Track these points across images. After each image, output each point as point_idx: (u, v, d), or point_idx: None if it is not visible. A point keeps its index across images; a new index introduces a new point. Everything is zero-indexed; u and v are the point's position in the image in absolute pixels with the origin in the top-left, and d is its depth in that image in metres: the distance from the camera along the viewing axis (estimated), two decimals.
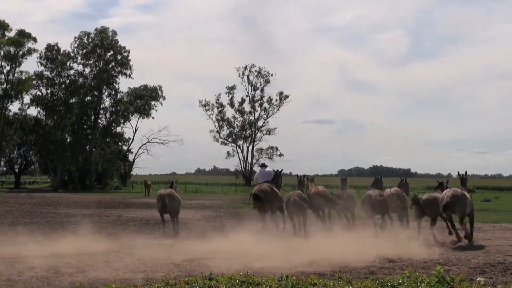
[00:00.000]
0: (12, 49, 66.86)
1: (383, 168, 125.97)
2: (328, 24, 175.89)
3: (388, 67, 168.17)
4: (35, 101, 70.60)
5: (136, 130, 76.31)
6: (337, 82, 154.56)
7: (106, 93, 73.22)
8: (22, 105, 71.19)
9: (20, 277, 9.79)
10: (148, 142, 76.61)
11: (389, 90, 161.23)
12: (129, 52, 72.37)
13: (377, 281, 8.39)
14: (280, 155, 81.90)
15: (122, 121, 75.19)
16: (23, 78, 68.97)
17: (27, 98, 70.78)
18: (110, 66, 71.61)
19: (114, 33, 72.01)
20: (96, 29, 71.44)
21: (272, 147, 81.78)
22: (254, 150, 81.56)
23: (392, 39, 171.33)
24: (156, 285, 7.75)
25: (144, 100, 74.22)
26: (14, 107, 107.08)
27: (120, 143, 76.50)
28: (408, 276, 8.55)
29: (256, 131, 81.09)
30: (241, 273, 8.53)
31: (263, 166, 21.31)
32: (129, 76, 72.82)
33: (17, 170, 75.06)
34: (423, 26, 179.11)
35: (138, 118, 75.42)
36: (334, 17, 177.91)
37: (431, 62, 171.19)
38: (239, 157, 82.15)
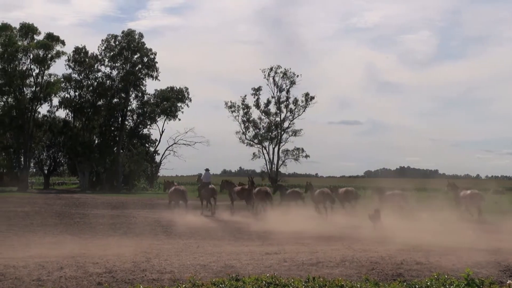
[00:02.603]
0: (41, 52, 67.74)
1: (410, 169, 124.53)
2: (354, 25, 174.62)
3: (416, 68, 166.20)
4: (64, 103, 71.46)
5: (162, 131, 76.80)
6: (364, 83, 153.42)
7: (133, 95, 73.82)
8: (51, 107, 72.16)
9: (49, 277, 9.88)
10: (175, 143, 77.01)
11: (416, 91, 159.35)
12: (155, 54, 72.91)
13: (404, 283, 8.30)
14: (306, 156, 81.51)
15: (148, 122, 75.74)
16: (52, 80, 69.84)
17: (55, 101, 71.73)
18: (137, 68, 72.15)
19: (141, 35, 72.61)
20: (123, 32, 72.09)
21: (298, 149, 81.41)
22: (280, 151, 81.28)
23: (420, 39, 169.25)
24: (183, 285, 7.76)
25: (171, 102, 74.63)
26: (43, 109, 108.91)
27: (147, 145, 77.00)
28: (436, 278, 8.43)
29: (282, 133, 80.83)
30: (267, 274, 8.51)
31: (207, 170, 31.80)
32: (156, 78, 73.34)
33: (46, 171, 75.95)
34: (450, 26, 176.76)
35: (165, 120, 75.91)
36: (360, 18, 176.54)
37: (459, 62, 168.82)
38: (265, 158, 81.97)
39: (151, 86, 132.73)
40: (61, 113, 73.93)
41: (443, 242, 16.23)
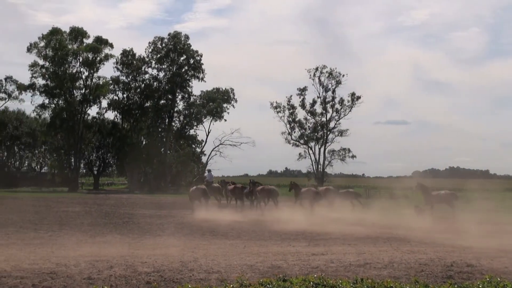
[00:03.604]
0: (90, 55, 69.16)
1: (460, 170, 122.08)
2: (401, 23, 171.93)
3: (465, 66, 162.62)
4: (112, 105, 72.76)
5: (209, 132, 77.38)
6: (411, 82, 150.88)
7: (180, 97, 74.62)
8: (100, 109, 73.60)
9: (99, 275, 10.06)
10: (221, 144, 77.47)
11: (466, 89, 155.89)
12: (201, 56, 73.55)
13: (455, 286, 8.12)
14: (353, 156, 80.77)
15: (195, 123, 76.43)
16: (101, 83, 71.26)
17: (104, 103, 73.16)
18: (183, 70, 72.91)
19: (187, 37, 73.37)
20: (169, 34, 72.99)
21: (344, 149, 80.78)
22: (326, 151, 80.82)
23: (469, 36, 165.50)
24: (231, 286, 7.78)
25: (216, 103, 75.11)
26: (92, 111, 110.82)
27: (193, 145, 77.70)
28: (488, 281, 8.21)
29: (328, 133, 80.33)
30: (315, 275, 8.46)
31: (209, 171, 39.46)
32: (202, 79, 74.00)
33: (95, 172, 77.48)
34: (501, 23, 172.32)
35: (211, 121, 76.47)
36: (407, 16, 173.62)
37: (510, 60, 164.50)
38: (311, 158, 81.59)
39: (197, 88, 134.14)
40: (110, 115, 75.42)
41: (495, 244, 15.86)
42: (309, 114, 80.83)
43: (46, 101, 70.07)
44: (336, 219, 25.42)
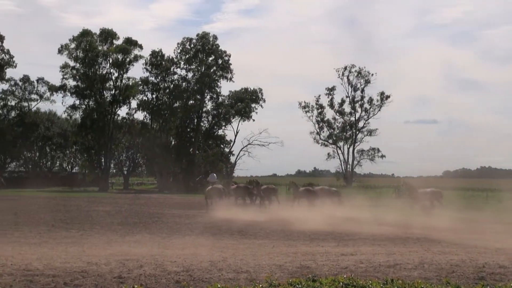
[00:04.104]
0: (120, 57, 69.85)
1: (491, 169, 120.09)
2: (432, 21, 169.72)
3: (497, 64, 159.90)
4: (142, 105, 73.35)
5: (237, 132, 77.49)
6: (442, 80, 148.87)
7: (208, 97, 74.90)
8: (129, 109, 74.28)
9: (129, 274, 10.14)
10: (249, 144, 77.53)
11: (498, 88, 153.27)
12: (230, 56, 73.69)
13: (487, 287, 8.00)
14: (382, 156, 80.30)
15: (223, 123, 76.62)
16: (130, 84, 71.93)
17: (134, 103, 73.80)
18: (212, 70, 73.17)
19: (215, 37, 73.60)
20: (197, 35, 73.33)
21: (373, 149, 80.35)
22: (355, 151, 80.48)
23: (501, 34, 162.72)
24: (260, 285, 7.78)
25: (245, 103, 75.20)
26: (122, 111, 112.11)
27: (222, 145, 77.91)
28: None
29: (357, 132, 79.95)
30: (344, 276, 8.41)
31: (212, 172, 43.35)
32: (230, 79, 74.18)
33: (125, 172, 78.21)
34: None
35: (239, 121, 76.58)
36: (438, 14, 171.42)
37: None
38: (339, 158, 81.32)
39: (225, 88, 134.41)
40: (139, 115, 76.12)
41: None
42: (337, 114, 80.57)
43: (77, 102, 71.07)
44: (352, 218, 25.43)
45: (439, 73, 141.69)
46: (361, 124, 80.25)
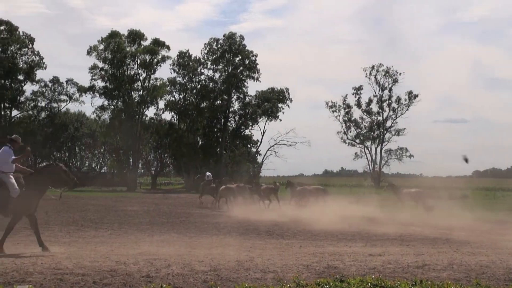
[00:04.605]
0: (147, 57, 70.38)
1: None
2: (460, 19, 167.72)
3: None
4: (169, 106, 73.82)
5: (264, 132, 77.50)
6: (471, 79, 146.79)
7: (235, 97, 75.05)
8: (157, 110, 74.75)
9: (157, 274, 10.21)
10: (276, 144, 77.48)
11: None
12: (256, 56, 73.76)
13: None
14: (410, 156, 79.52)
15: (250, 123, 76.70)
16: (158, 84, 72.40)
17: (161, 104, 74.28)
18: (239, 70, 73.31)
19: (242, 38, 73.73)
20: (224, 35, 73.53)
21: (401, 148, 79.65)
22: (383, 151, 79.87)
23: None
24: (288, 285, 7.78)
25: (272, 102, 75.19)
26: (150, 112, 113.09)
27: (248, 145, 78.02)
28: None
29: (385, 132, 79.36)
30: (372, 276, 8.36)
31: (208, 172, 42.85)
32: (257, 79, 74.24)
33: (153, 172, 78.74)
34: None
35: (266, 121, 76.58)
36: (466, 12, 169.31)
37: None
38: (367, 158, 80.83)
39: (252, 88, 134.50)
40: (167, 116, 76.61)
41: None
42: (365, 113, 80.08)
43: (106, 102, 71.74)
44: (372, 218, 25.58)
45: (468, 71, 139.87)
46: (388, 123, 79.67)
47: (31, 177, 13.61)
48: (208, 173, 41.43)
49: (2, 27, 70.58)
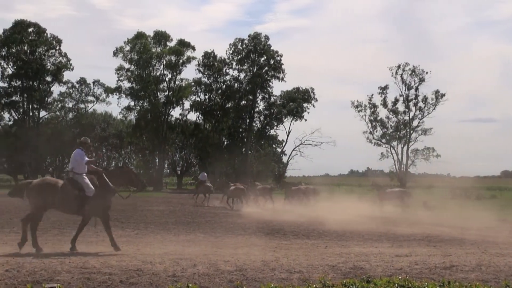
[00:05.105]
0: (173, 58, 70.83)
1: None
2: (489, 17, 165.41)
3: None
4: (194, 106, 74.21)
5: (289, 132, 77.45)
6: (499, 78, 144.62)
7: (260, 97, 75.16)
8: (182, 110, 75.28)
9: (183, 273, 10.24)
10: (301, 144, 77.35)
11: None
12: (281, 56, 73.76)
13: None
14: (437, 156, 78.59)
15: (275, 123, 76.72)
16: (183, 85, 72.83)
17: (187, 104, 74.78)
18: (264, 70, 73.36)
19: (267, 38, 73.80)
20: (249, 35, 73.65)
21: (428, 148, 78.77)
22: (409, 151, 79.11)
23: None
24: (314, 286, 7.74)
25: (297, 102, 75.10)
26: (175, 112, 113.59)
27: (274, 145, 78.04)
28: None
29: (411, 132, 78.59)
30: (399, 277, 8.28)
31: (203, 172, 43.60)
32: (282, 79, 74.23)
33: (179, 172, 79.16)
34: None
35: (291, 121, 76.55)
36: (494, 10, 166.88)
37: None
38: (393, 158, 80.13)
39: (277, 88, 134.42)
40: (192, 116, 76.90)
41: None
42: (391, 113, 79.41)
43: (132, 103, 72.44)
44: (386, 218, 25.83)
45: (496, 70, 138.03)
46: (415, 123, 78.89)
47: (103, 178, 14.09)
48: (203, 173, 42.33)
49: (30, 29, 71.61)
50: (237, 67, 73.77)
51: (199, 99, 74.43)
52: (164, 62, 70.82)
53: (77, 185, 13.41)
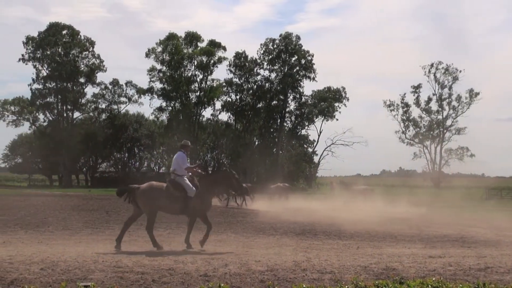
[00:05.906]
0: (204, 59, 71.18)
1: None
2: None
3: None
4: (226, 106, 74.47)
5: (320, 132, 77.23)
6: None
7: (291, 97, 75.08)
8: (214, 110, 75.65)
9: (215, 273, 10.28)
10: (333, 144, 77.08)
11: None
12: (312, 56, 73.55)
13: None
14: (471, 155, 77.48)
15: (306, 123, 76.55)
16: (214, 85, 73.16)
17: (218, 104, 75.11)
18: (295, 70, 73.23)
19: (298, 38, 73.66)
20: (280, 35, 73.58)
21: (462, 148, 77.77)
22: (443, 150, 78.18)
23: None
24: (346, 287, 7.69)
25: (328, 102, 74.80)
26: (207, 113, 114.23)
27: (305, 145, 77.83)
28: None
29: (445, 131, 77.67)
30: (433, 279, 8.17)
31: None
32: (313, 79, 74.00)
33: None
34: None
35: (322, 120, 76.32)
36: None
37: None
38: (426, 158, 79.30)
39: (308, 87, 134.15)
40: (223, 116, 77.33)
41: None
42: (424, 112, 78.65)
43: (164, 104, 73.06)
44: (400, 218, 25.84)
45: None
46: (449, 122, 77.99)
47: (205, 179, 14.62)
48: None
49: (65, 32, 72.77)
50: (268, 67, 73.87)
51: (230, 99, 74.73)
52: (196, 63, 71.25)
53: (179, 187, 13.87)
